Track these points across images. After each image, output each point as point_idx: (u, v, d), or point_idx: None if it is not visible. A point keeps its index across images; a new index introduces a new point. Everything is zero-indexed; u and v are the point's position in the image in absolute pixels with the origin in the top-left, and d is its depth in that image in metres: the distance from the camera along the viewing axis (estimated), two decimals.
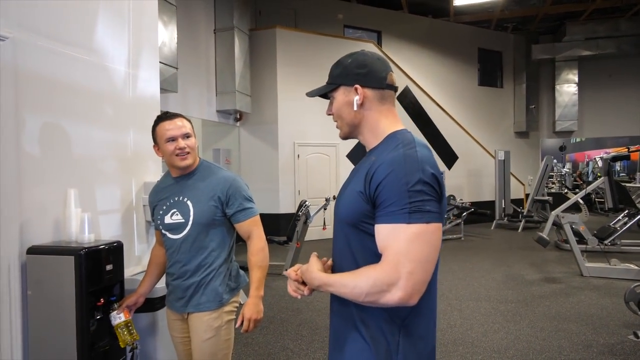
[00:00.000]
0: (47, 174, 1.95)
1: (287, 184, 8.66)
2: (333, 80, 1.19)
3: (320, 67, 8.62)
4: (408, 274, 0.97)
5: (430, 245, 1.00)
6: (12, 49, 1.77)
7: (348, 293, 1.03)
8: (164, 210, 1.86)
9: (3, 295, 1.76)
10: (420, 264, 0.98)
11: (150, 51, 2.61)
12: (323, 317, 4.27)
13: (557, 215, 6.14)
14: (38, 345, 1.81)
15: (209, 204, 1.80)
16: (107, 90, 2.30)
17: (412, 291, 0.97)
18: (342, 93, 1.17)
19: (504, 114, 12.99)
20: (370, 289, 0.98)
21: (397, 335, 1.07)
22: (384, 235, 1.01)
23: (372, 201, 1.04)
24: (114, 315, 1.86)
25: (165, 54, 5.88)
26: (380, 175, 1.02)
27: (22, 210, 1.82)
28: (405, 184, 0.99)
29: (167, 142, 1.78)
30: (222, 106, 7.89)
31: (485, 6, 10.80)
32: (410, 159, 1.02)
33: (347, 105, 1.17)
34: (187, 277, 1.84)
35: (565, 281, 5.54)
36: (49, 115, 1.97)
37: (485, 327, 3.99)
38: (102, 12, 2.26)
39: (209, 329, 1.83)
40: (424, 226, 0.98)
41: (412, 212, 0.98)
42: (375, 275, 0.99)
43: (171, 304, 1.92)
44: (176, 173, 1.88)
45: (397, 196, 0.99)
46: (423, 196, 0.99)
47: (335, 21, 10.52)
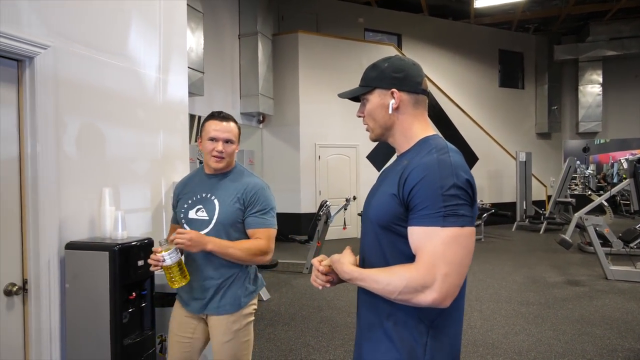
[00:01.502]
0: (83, 173, 2.03)
1: (308, 184, 8.71)
2: (368, 82, 1.19)
3: (341, 70, 8.74)
4: (443, 276, 0.97)
5: (465, 249, 1.01)
6: (53, 57, 1.86)
7: (380, 289, 1.04)
8: (189, 205, 1.85)
9: (43, 287, 1.85)
10: (455, 266, 0.99)
11: (179, 57, 2.68)
12: (343, 315, 4.28)
13: (581, 217, 6.00)
14: (75, 335, 1.89)
15: (235, 205, 1.79)
16: (139, 95, 2.37)
17: (446, 294, 0.98)
18: (377, 96, 1.17)
19: (526, 116, 12.75)
20: (404, 288, 0.99)
21: (425, 336, 1.07)
22: (418, 237, 1.02)
23: (405, 204, 1.05)
24: (172, 253, 1.62)
25: (192, 59, 6.01)
26: (414, 179, 1.03)
27: (61, 207, 1.91)
28: (440, 187, 1.00)
29: (208, 140, 1.79)
30: (245, 109, 8.00)
31: (506, 7, 10.63)
32: (444, 163, 1.03)
33: (381, 108, 1.17)
34: (207, 277, 1.80)
35: (589, 284, 5.41)
36: (86, 119, 2.06)
37: (506, 328, 3.94)
38: (134, 21, 2.34)
39: (228, 331, 1.81)
40: (458, 230, 0.99)
41: (446, 215, 0.99)
42: (409, 275, 1.00)
43: (186, 303, 1.86)
44: (210, 170, 1.87)
45: (432, 200, 1.00)
46: (457, 200, 1.00)
47: (355, 25, 10.53)
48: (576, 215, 6.13)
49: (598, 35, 11.92)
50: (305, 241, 6.24)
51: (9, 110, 1.79)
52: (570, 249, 6.32)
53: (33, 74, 1.80)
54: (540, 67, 12.73)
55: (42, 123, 1.82)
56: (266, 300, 4.79)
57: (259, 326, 4.02)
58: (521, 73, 12.83)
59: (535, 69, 12.80)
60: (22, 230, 1.84)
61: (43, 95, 1.82)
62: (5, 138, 1.77)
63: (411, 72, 1.16)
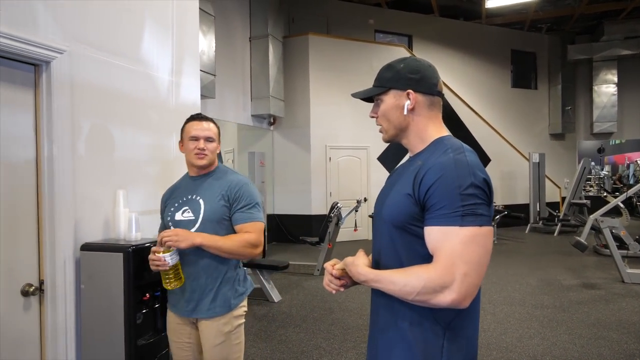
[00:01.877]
0: (98, 175, 2.06)
1: (319, 186, 8.71)
2: (383, 83, 1.18)
3: (351, 72, 8.74)
4: (462, 276, 0.97)
5: (484, 249, 0.99)
6: (69, 61, 1.89)
7: (396, 290, 1.03)
8: (176, 208, 1.84)
9: (59, 288, 1.88)
10: (474, 266, 0.98)
11: (191, 60, 2.70)
12: (355, 318, 4.27)
13: (596, 219, 5.90)
14: (89, 335, 1.92)
15: (220, 202, 1.79)
16: (153, 98, 2.40)
17: (465, 294, 0.97)
18: (392, 96, 1.16)
19: (539, 116, 12.61)
20: (422, 289, 0.98)
21: (442, 337, 1.06)
22: (435, 237, 1.01)
23: (421, 204, 1.04)
24: (173, 255, 1.65)
25: (204, 62, 6.05)
26: (431, 179, 1.02)
27: (76, 209, 1.94)
28: (458, 187, 0.99)
29: (190, 140, 1.81)
30: (256, 111, 8.03)
31: (518, 7, 10.53)
32: (460, 163, 1.03)
33: (396, 109, 1.16)
34: (196, 277, 1.78)
35: (605, 287, 5.32)
36: (101, 121, 2.09)
37: (520, 332, 3.89)
38: (148, 25, 2.37)
39: (219, 334, 1.79)
40: (477, 229, 0.99)
41: (464, 215, 0.98)
42: (427, 275, 0.99)
43: (177, 308, 1.83)
44: (194, 172, 1.88)
45: (449, 199, 0.99)
46: (475, 199, 0.99)
47: (366, 26, 10.52)
48: (591, 217, 6.04)
49: (613, 34, 11.75)
50: (316, 243, 6.24)
51: (26, 113, 1.82)
52: (585, 251, 6.22)
53: (49, 78, 1.83)
54: (553, 67, 12.58)
55: (58, 126, 1.85)
56: (277, 302, 4.80)
57: (270, 328, 4.03)
58: (534, 73, 12.69)
59: (549, 69, 12.65)
60: (39, 232, 1.87)
61: (59, 98, 1.86)
62: (22, 141, 1.81)
63: (427, 74, 1.16)
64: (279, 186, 8.87)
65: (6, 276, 1.75)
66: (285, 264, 4.96)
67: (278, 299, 4.87)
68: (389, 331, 1.13)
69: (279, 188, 8.87)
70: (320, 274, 5.99)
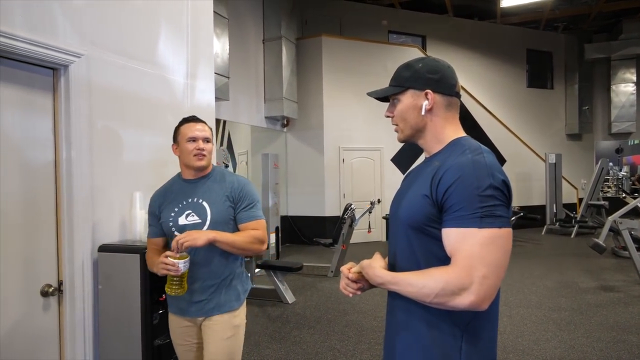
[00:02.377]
0: (115, 178, 2.09)
1: (332, 188, 8.70)
2: (401, 82, 1.15)
3: (365, 73, 8.72)
4: (481, 278, 0.95)
5: (503, 250, 0.98)
6: (87, 65, 1.92)
7: (415, 292, 1.02)
8: (177, 212, 1.80)
9: (77, 288, 1.90)
10: (493, 268, 0.96)
11: (206, 63, 2.72)
12: (369, 319, 4.25)
13: (615, 220, 5.78)
14: (107, 335, 1.94)
15: (226, 204, 1.80)
16: (168, 100, 2.42)
17: (484, 296, 0.96)
18: (410, 96, 1.14)
19: (555, 116, 12.40)
20: (440, 291, 0.97)
21: (460, 340, 1.05)
22: (454, 239, 0.99)
23: (438, 205, 1.03)
24: (186, 262, 1.66)
25: (218, 64, 6.09)
26: (449, 180, 1.00)
27: (94, 211, 1.96)
28: (477, 188, 0.98)
29: (187, 142, 1.79)
30: (270, 112, 8.06)
31: (534, 6, 10.38)
32: (479, 164, 1.01)
33: (413, 109, 1.14)
34: (207, 278, 1.78)
35: (624, 290, 5.21)
36: (118, 124, 2.11)
37: (537, 335, 3.83)
38: (163, 29, 2.40)
39: (230, 327, 1.82)
40: (496, 231, 0.97)
41: (483, 216, 0.97)
42: (446, 277, 0.97)
43: (182, 310, 1.81)
44: (189, 175, 1.85)
45: (468, 201, 0.98)
46: (494, 201, 0.98)
47: (379, 27, 10.48)
48: (610, 219, 5.91)
49: (631, 32, 11.51)
50: (330, 244, 6.22)
51: (45, 117, 1.85)
52: (603, 253, 6.09)
53: (68, 81, 1.87)
54: (570, 66, 12.36)
55: (76, 129, 1.88)
56: (292, 304, 4.80)
57: (285, 329, 4.03)
58: (550, 73, 12.48)
59: (565, 68, 12.44)
60: (58, 233, 1.90)
61: (77, 102, 1.88)
62: (41, 144, 1.84)
63: (446, 74, 1.14)
64: (293, 188, 8.88)
65: (26, 277, 1.78)
66: (299, 266, 4.96)
67: (292, 300, 4.87)
68: (406, 333, 1.12)
69: (293, 190, 8.88)
70: (334, 275, 5.98)
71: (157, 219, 1.85)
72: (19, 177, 1.75)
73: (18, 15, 1.66)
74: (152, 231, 1.88)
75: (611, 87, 12.25)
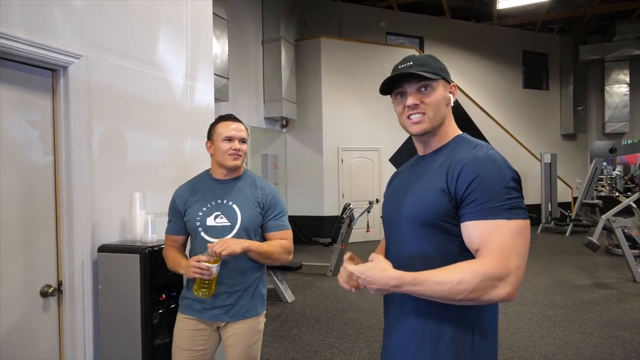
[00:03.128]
0: (115, 178, 2.07)
1: (331, 188, 8.68)
2: (437, 71, 1.11)
3: (363, 74, 8.70)
4: (516, 268, 0.95)
5: (528, 241, 0.99)
6: (86, 66, 1.90)
7: (446, 291, 0.94)
8: (205, 212, 1.74)
9: (77, 289, 1.88)
10: (523, 258, 0.97)
11: (205, 64, 2.70)
12: (367, 317, 4.24)
13: (608, 219, 5.78)
14: (107, 335, 1.92)
15: (256, 210, 1.76)
16: (168, 101, 2.40)
17: (518, 286, 0.96)
18: (443, 87, 1.12)
19: (550, 117, 12.40)
20: (479, 284, 0.93)
21: (471, 334, 1.05)
22: (482, 231, 0.97)
23: (457, 200, 1.01)
24: (218, 267, 1.61)
25: (217, 66, 6.07)
26: (471, 174, 1.00)
27: (93, 211, 1.94)
28: (501, 181, 0.98)
29: (223, 141, 1.74)
30: (269, 113, 8.04)
31: (530, 8, 10.38)
32: (496, 159, 1.02)
33: (444, 100, 1.12)
34: (235, 283, 1.73)
35: (617, 287, 5.20)
36: (117, 125, 2.09)
37: (532, 331, 3.82)
38: (163, 30, 2.38)
39: (256, 332, 1.79)
40: (522, 222, 0.98)
41: (511, 208, 0.97)
42: (484, 269, 0.94)
43: (199, 312, 1.74)
44: (221, 175, 1.80)
45: (495, 193, 0.98)
46: (516, 193, 0.99)
47: (378, 29, 10.46)
48: (603, 217, 5.91)
49: (625, 34, 11.52)
50: (329, 244, 6.21)
51: (44, 118, 1.83)
52: (597, 251, 6.10)
53: (67, 83, 1.84)
54: (565, 67, 12.37)
55: (75, 130, 1.86)
56: (291, 302, 4.79)
57: (284, 328, 4.02)
58: (545, 74, 12.48)
59: (560, 69, 12.44)
60: (57, 234, 1.88)
61: (76, 103, 1.86)
62: (40, 145, 1.82)
63: None
64: (292, 188, 8.86)
65: (26, 278, 1.76)
66: (299, 265, 4.95)
67: (292, 299, 4.85)
68: (417, 330, 1.08)
69: (292, 190, 8.86)
70: (333, 274, 5.96)
71: (180, 216, 1.79)
72: (19, 178, 1.73)
73: (17, 17, 1.63)
74: (172, 228, 1.82)
75: (605, 88, 12.26)
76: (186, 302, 1.78)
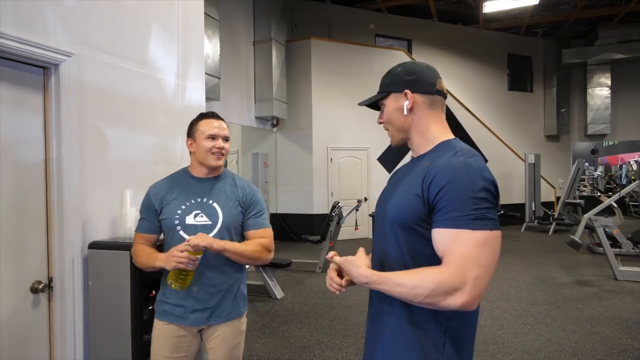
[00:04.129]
0: (106, 176, 2.06)
1: (320, 186, 8.70)
2: (383, 88, 1.18)
3: (353, 75, 8.73)
4: (474, 279, 0.94)
5: (494, 252, 0.98)
6: (77, 64, 1.88)
7: (404, 292, 0.99)
8: (184, 210, 1.66)
9: (67, 284, 1.87)
10: (485, 270, 0.96)
11: (196, 63, 2.69)
12: (355, 314, 4.26)
13: (590, 218, 5.88)
14: (97, 331, 1.91)
15: (237, 209, 1.71)
16: (159, 100, 2.39)
17: (476, 297, 0.95)
18: (393, 99, 1.16)
19: (534, 118, 12.57)
20: (433, 291, 0.95)
21: (444, 338, 1.04)
22: (446, 240, 0.98)
23: (429, 205, 1.02)
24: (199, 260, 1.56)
25: (209, 65, 6.04)
26: (442, 181, 0.99)
27: (84, 209, 1.93)
28: (470, 190, 0.97)
29: (206, 139, 1.67)
30: (260, 113, 8.02)
31: (515, 12, 10.51)
32: (471, 167, 1.00)
33: (397, 111, 1.15)
34: (216, 284, 1.66)
35: (599, 284, 5.30)
36: (108, 123, 2.08)
37: (516, 328, 3.87)
38: (154, 29, 2.36)
39: (239, 334, 1.74)
40: (488, 233, 0.97)
41: (476, 218, 0.96)
42: (439, 277, 0.95)
43: (180, 318, 1.65)
44: (201, 173, 1.73)
45: (461, 202, 0.97)
46: (486, 204, 0.98)
47: (367, 31, 10.50)
48: (585, 217, 6.01)
49: (606, 38, 11.71)
50: (318, 241, 6.22)
51: (35, 115, 1.82)
52: (579, 249, 6.20)
53: (58, 80, 1.83)
54: (548, 70, 12.55)
55: (66, 128, 1.84)
56: (280, 299, 4.79)
57: (273, 324, 4.02)
58: (530, 76, 12.65)
59: (544, 72, 12.62)
60: (48, 231, 1.86)
61: (67, 101, 1.85)
62: (31, 142, 1.80)
63: (424, 74, 1.15)
64: (282, 186, 8.86)
65: (16, 274, 1.75)
66: (288, 262, 4.95)
67: (281, 295, 4.86)
68: (390, 334, 1.10)
69: (282, 188, 8.86)
70: (322, 271, 5.98)
71: (155, 214, 1.70)
72: (10, 174, 1.71)
73: (9, 14, 1.62)
74: (144, 225, 1.72)
75: (587, 90, 12.46)
76: (164, 307, 1.68)
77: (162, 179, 1.79)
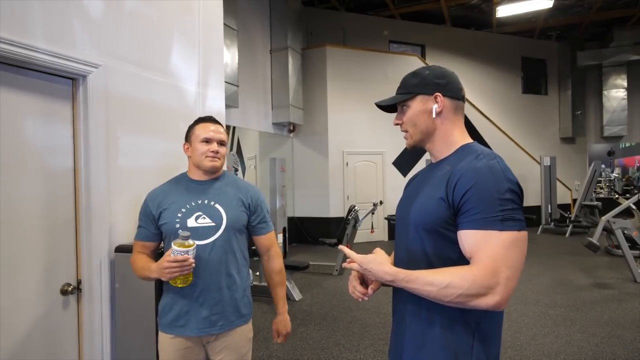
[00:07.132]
0: (131, 182, 2.09)
1: (336, 190, 8.68)
2: (410, 89, 1.15)
3: (367, 81, 8.72)
4: (506, 279, 0.94)
5: (522, 253, 0.97)
6: (104, 75, 1.92)
7: (434, 292, 0.96)
8: (184, 213, 1.59)
9: (95, 287, 1.90)
10: (515, 270, 0.95)
11: (216, 72, 2.72)
12: (372, 316, 4.22)
13: (608, 220, 5.72)
14: (123, 332, 1.93)
15: (240, 209, 1.66)
16: (181, 108, 2.42)
17: (507, 297, 0.94)
18: (420, 102, 1.13)
19: (549, 121, 12.33)
20: (466, 290, 0.94)
21: (472, 339, 1.03)
22: (474, 240, 0.97)
23: (454, 208, 1.00)
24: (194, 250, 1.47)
25: (227, 74, 6.11)
26: (467, 183, 0.98)
27: (110, 214, 1.96)
28: (496, 192, 0.96)
29: (202, 142, 1.63)
30: (277, 119, 8.07)
31: (528, 16, 10.34)
32: (495, 169, 1.00)
33: (423, 113, 1.13)
34: (219, 288, 1.59)
35: (618, 287, 5.15)
36: (133, 131, 2.11)
37: (534, 330, 3.78)
38: (176, 40, 2.40)
39: (247, 341, 1.68)
40: (516, 234, 0.96)
41: (504, 219, 0.95)
42: (472, 277, 0.94)
43: (192, 329, 1.58)
44: (198, 176, 1.67)
45: (487, 204, 0.96)
46: (512, 204, 0.97)
47: (381, 37, 10.48)
48: (603, 219, 5.85)
49: (622, 40, 11.43)
50: (335, 244, 6.20)
51: (65, 125, 1.86)
52: (597, 252, 6.04)
53: (86, 91, 1.87)
54: (563, 73, 12.30)
55: (94, 136, 1.88)
56: (298, 301, 4.78)
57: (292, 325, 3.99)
58: (544, 79, 12.42)
59: (559, 75, 12.37)
60: (77, 235, 1.90)
61: (95, 110, 1.89)
62: (61, 150, 1.84)
63: (453, 79, 1.15)
64: (299, 190, 8.87)
65: (47, 276, 1.78)
66: (306, 265, 4.95)
67: (299, 297, 4.85)
68: (417, 335, 1.08)
69: (299, 192, 8.87)
70: (339, 273, 5.96)
71: (153, 220, 1.63)
72: (40, 182, 1.75)
73: (38, 28, 1.66)
74: (142, 233, 1.65)
75: (603, 92, 12.17)
76: (168, 319, 1.61)
77: (160, 185, 1.75)
